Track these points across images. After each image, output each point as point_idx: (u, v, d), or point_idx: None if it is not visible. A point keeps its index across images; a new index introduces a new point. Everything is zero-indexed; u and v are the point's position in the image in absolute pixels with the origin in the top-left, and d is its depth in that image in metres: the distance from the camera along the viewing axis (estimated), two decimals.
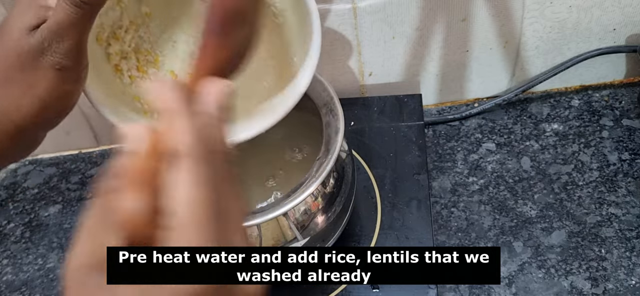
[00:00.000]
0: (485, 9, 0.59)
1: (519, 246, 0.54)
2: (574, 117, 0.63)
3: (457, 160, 0.62)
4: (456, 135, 0.64)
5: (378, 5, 0.59)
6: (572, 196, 0.56)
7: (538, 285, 0.51)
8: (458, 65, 0.64)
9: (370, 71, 0.65)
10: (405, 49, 0.63)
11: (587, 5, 0.59)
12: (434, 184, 0.60)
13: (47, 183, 0.69)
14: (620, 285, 0.50)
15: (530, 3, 0.58)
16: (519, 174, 0.59)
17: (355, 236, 0.54)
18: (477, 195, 0.58)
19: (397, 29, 0.61)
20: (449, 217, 0.57)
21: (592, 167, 0.58)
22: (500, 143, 0.62)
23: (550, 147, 0.61)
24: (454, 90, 0.67)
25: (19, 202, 0.68)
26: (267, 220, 0.42)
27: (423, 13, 0.59)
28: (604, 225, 0.54)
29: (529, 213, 0.56)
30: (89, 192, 0.67)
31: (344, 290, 0.51)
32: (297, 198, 0.42)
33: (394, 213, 0.55)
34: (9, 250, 0.63)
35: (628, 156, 0.59)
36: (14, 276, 0.60)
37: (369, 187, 0.58)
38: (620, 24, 0.61)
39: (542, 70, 0.65)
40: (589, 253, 0.52)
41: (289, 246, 0.45)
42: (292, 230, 0.45)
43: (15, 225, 0.65)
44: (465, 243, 0.55)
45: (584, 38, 0.62)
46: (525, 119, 0.64)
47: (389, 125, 0.63)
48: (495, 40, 0.62)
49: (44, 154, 0.72)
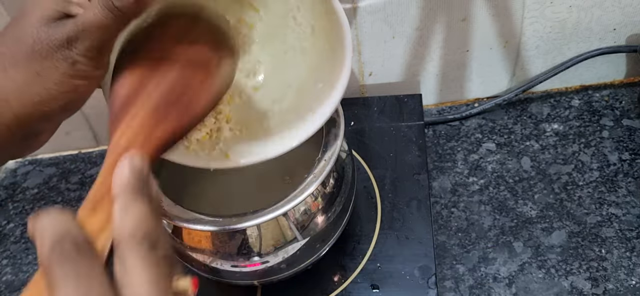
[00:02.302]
0: (485, 9, 0.59)
1: (519, 246, 0.54)
2: (574, 117, 0.63)
3: (457, 160, 0.61)
4: (456, 135, 0.64)
5: (378, 5, 0.59)
6: (572, 196, 0.56)
7: (538, 285, 0.51)
8: (458, 65, 0.64)
9: (370, 71, 0.65)
10: (405, 49, 0.63)
11: (587, 5, 0.59)
12: (434, 184, 0.60)
13: (47, 183, 0.69)
14: (620, 285, 0.50)
15: (530, 3, 0.58)
16: (519, 174, 0.59)
17: (355, 236, 0.54)
18: (477, 195, 0.58)
19: (397, 28, 0.61)
20: (449, 217, 0.57)
21: (593, 167, 0.58)
22: (500, 143, 0.62)
23: (551, 147, 0.61)
24: (454, 90, 0.67)
25: (19, 202, 0.68)
26: (267, 220, 0.42)
27: (423, 13, 0.59)
28: (604, 225, 0.54)
29: (529, 213, 0.56)
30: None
31: (344, 290, 0.51)
32: (297, 198, 0.42)
33: (394, 213, 0.55)
34: (8, 250, 0.63)
35: (628, 156, 0.59)
36: (14, 277, 0.60)
37: (369, 187, 0.58)
38: (621, 24, 0.61)
39: (542, 70, 0.65)
40: (589, 253, 0.52)
41: (289, 246, 0.45)
42: (292, 230, 0.45)
43: (15, 225, 0.65)
44: (465, 243, 0.55)
45: (584, 38, 0.62)
46: (526, 119, 0.64)
47: (389, 125, 0.62)
48: (495, 40, 0.62)
49: (43, 154, 0.72)
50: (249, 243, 0.44)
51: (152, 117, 0.31)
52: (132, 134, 0.30)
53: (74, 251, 0.22)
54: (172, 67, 0.34)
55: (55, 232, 0.23)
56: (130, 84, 0.32)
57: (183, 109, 0.33)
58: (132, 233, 0.24)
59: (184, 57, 0.35)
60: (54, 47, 0.31)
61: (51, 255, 0.22)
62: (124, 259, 0.23)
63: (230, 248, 0.44)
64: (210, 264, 0.45)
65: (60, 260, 0.22)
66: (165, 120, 0.31)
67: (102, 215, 0.26)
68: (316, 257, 0.48)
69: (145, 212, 0.25)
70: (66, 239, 0.23)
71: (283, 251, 0.45)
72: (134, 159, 0.26)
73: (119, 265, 0.23)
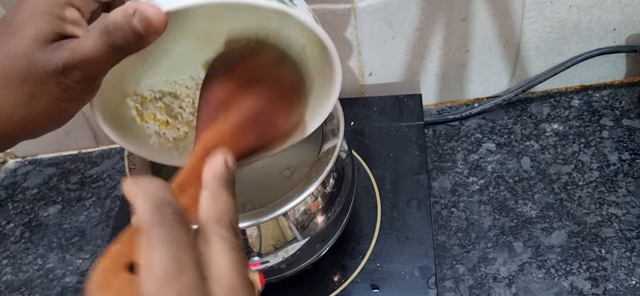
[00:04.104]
0: (485, 9, 0.59)
1: (519, 246, 0.54)
2: (574, 117, 0.63)
3: (457, 160, 0.61)
4: (456, 135, 0.64)
5: (378, 5, 0.59)
6: (572, 196, 0.56)
7: (538, 285, 0.51)
8: (458, 65, 0.64)
9: (370, 71, 0.65)
10: (405, 49, 0.63)
11: (587, 5, 0.59)
12: (434, 184, 0.60)
13: (47, 183, 0.69)
14: (620, 285, 0.50)
15: (530, 3, 0.58)
16: (519, 174, 0.59)
17: (355, 236, 0.54)
18: (477, 195, 0.58)
19: (397, 29, 0.61)
20: (449, 217, 0.57)
21: (592, 167, 0.58)
22: (500, 143, 0.62)
23: (551, 147, 0.61)
24: (454, 90, 0.67)
25: (19, 202, 0.68)
26: (267, 220, 0.42)
27: (423, 13, 0.59)
28: (604, 225, 0.54)
29: (529, 213, 0.56)
30: (88, 193, 0.67)
31: (344, 290, 0.51)
32: (297, 198, 0.42)
33: (394, 213, 0.55)
34: (8, 250, 0.63)
35: (628, 156, 0.59)
36: (14, 277, 0.60)
37: (369, 187, 0.58)
38: (621, 24, 0.61)
39: (542, 70, 0.65)
40: (589, 253, 0.52)
41: (289, 246, 0.45)
42: (292, 230, 0.45)
43: (15, 225, 0.65)
44: (465, 243, 0.55)
45: (584, 38, 0.62)
46: (525, 119, 0.64)
47: (389, 125, 0.62)
48: (495, 40, 0.62)
49: (43, 154, 0.72)
50: (249, 243, 0.44)
51: (240, 128, 0.34)
52: (221, 137, 0.33)
53: (174, 219, 0.24)
54: (263, 92, 0.37)
55: (158, 197, 0.24)
56: (222, 94, 0.35)
57: (264, 131, 0.36)
58: (219, 217, 0.26)
59: (275, 87, 0.38)
60: (48, 73, 0.30)
61: (153, 218, 0.24)
62: (208, 240, 0.25)
63: None
64: None
65: (162, 223, 0.24)
66: (250, 134, 0.35)
67: (187, 199, 0.28)
68: (316, 257, 0.48)
69: (231, 203, 0.27)
70: (167, 206, 0.24)
71: (283, 251, 0.45)
72: (227, 156, 0.29)
73: (204, 244, 0.25)
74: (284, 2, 0.33)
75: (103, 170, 0.69)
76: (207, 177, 0.28)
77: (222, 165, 0.28)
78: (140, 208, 0.24)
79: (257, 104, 0.36)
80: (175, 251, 0.23)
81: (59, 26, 0.31)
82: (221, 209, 0.26)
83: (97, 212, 0.65)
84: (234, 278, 0.24)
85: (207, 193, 0.27)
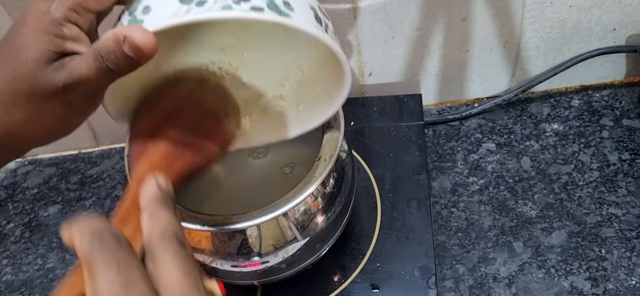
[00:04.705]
0: (485, 9, 0.59)
1: (519, 246, 0.54)
2: (574, 117, 0.63)
3: (457, 160, 0.61)
4: (456, 135, 0.64)
5: (378, 5, 0.59)
6: (572, 196, 0.56)
7: (538, 285, 0.51)
8: (458, 65, 0.64)
9: (370, 71, 0.65)
10: (405, 49, 0.63)
11: (587, 5, 0.59)
12: (434, 184, 0.60)
13: (47, 183, 0.69)
14: (620, 285, 0.50)
15: (530, 3, 0.58)
16: (519, 174, 0.59)
17: (355, 236, 0.54)
18: (477, 195, 0.58)
19: (397, 29, 0.61)
20: (449, 217, 0.57)
21: (592, 167, 0.58)
22: (500, 143, 0.62)
23: (551, 147, 0.61)
24: (454, 90, 0.67)
25: (19, 202, 0.68)
26: (267, 220, 0.42)
27: (423, 13, 0.59)
28: (604, 225, 0.54)
29: (529, 213, 0.56)
30: (87, 193, 0.67)
31: (344, 290, 0.51)
32: (297, 198, 0.42)
33: (394, 213, 0.55)
34: (8, 250, 0.63)
35: (628, 156, 0.59)
36: (14, 277, 0.60)
37: (369, 187, 0.58)
38: (621, 24, 0.61)
39: (542, 70, 0.65)
40: (589, 253, 0.52)
41: (289, 246, 0.45)
42: (292, 230, 0.44)
43: (15, 225, 0.65)
44: (465, 243, 0.55)
45: (584, 38, 0.62)
46: (525, 119, 0.64)
47: (389, 125, 0.62)
48: (495, 40, 0.62)
49: (43, 154, 0.72)
50: (249, 243, 0.44)
51: (172, 152, 0.37)
52: (152, 164, 0.35)
53: (114, 242, 0.24)
54: (186, 116, 0.40)
55: (94, 227, 0.25)
56: (150, 128, 0.38)
57: (198, 149, 0.39)
58: (162, 232, 0.26)
59: (197, 110, 0.41)
60: (51, 93, 0.32)
61: (92, 246, 0.24)
62: (155, 256, 0.25)
63: (230, 248, 0.44)
64: (210, 264, 0.45)
65: (101, 249, 0.24)
66: (184, 155, 0.37)
67: (130, 229, 0.29)
68: (316, 257, 0.48)
69: (172, 217, 0.27)
70: (106, 232, 0.24)
71: (283, 251, 0.45)
72: (159, 177, 0.29)
73: (151, 263, 0.25)
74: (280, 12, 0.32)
75: (103, 170, 0.69)
76: (144, 201, 0.28)
77: (155, 186, 0.29)
78: (79, 242, 0.24)
79: (184, 128, 0.39)
80: (120, 272, 0.23)
81: (58, 45, 0.32)
82: (163, 224, 0.26)
83: (97, 212, 0.65)
84: (185, 285, 0.24)
85: (146, 214, 0.27)
